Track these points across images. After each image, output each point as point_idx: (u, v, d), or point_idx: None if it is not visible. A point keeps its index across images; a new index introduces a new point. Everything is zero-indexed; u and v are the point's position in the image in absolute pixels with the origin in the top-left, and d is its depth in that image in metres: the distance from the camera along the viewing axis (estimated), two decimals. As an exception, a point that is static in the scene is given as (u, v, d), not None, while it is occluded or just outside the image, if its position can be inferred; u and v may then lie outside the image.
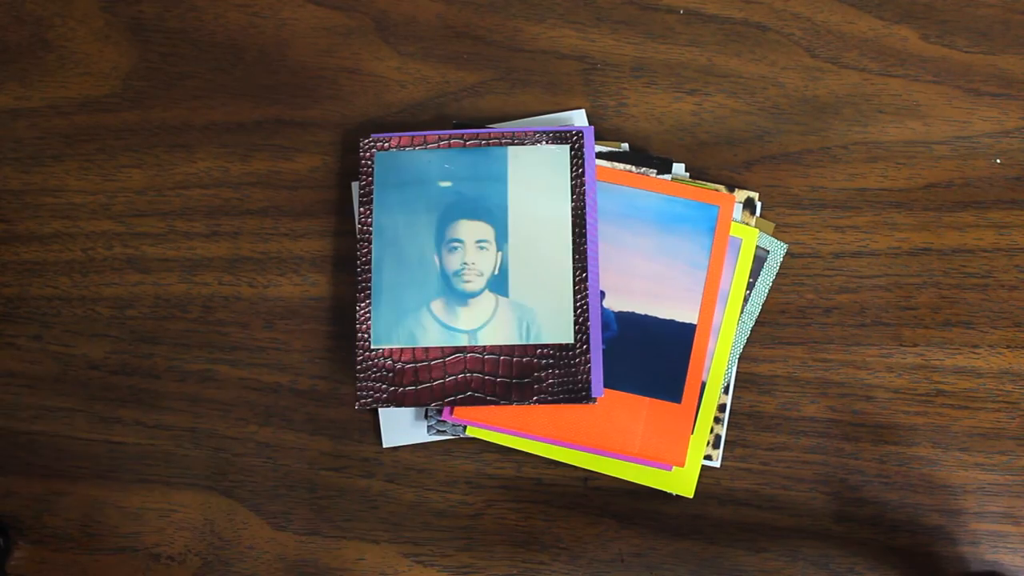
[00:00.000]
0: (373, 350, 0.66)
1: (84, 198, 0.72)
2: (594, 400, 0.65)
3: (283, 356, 0.69)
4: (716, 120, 0.71)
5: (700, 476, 0.67)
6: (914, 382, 0.68)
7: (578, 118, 0.71)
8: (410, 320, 0.66)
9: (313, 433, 0.68)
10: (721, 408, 0.67)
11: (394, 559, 0.67)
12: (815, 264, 0.69)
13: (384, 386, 0.65)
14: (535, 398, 0.65)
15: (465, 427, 0.66)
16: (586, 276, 0.66)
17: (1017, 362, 0.68)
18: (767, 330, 0.68)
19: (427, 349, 0.66)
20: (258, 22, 0.73)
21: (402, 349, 0.66)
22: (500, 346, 0.66)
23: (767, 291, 0.68)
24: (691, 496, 0.66)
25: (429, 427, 0.67)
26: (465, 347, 0.66)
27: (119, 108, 0.73)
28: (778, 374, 0.68)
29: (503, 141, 0.68)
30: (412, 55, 0.73)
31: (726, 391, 0.67)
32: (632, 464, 0.66)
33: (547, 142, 0.68)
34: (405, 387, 0.65)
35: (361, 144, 0.69)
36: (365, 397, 0.65)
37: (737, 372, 0.68)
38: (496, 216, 0.67)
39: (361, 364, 0.66)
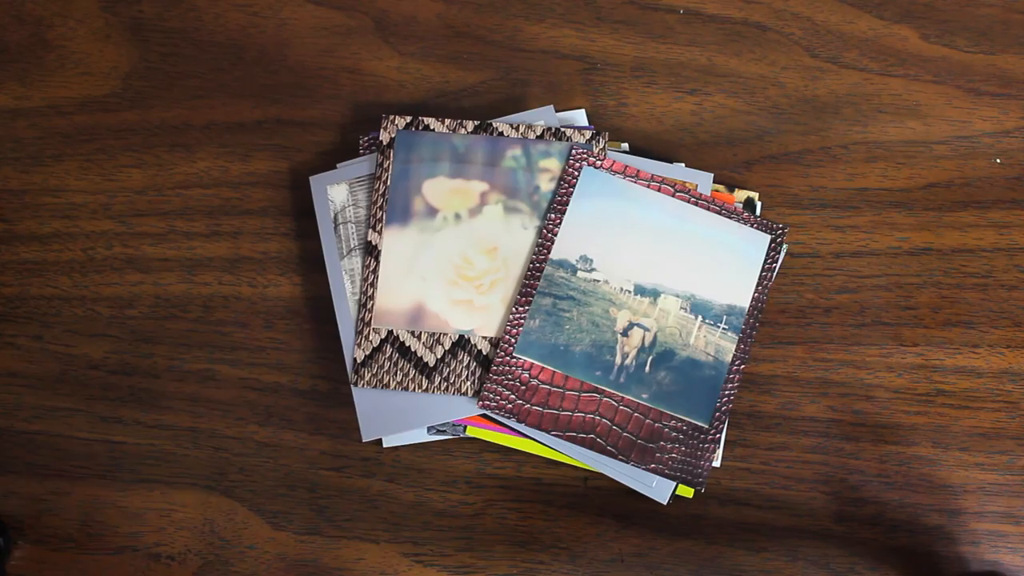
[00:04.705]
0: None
1: (84, 198, 0.72)
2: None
3: (283, 356, 0.69)
4: (716, 120, 0.71)
5: (700, 476, 0.67)
6: (914, 382, 0.68)
7: (578, 118, 0.71)
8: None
9: (313, 433, 0.68)
10: (721, 408, 0.67)
11: (394, 559, 0.67)
12: (815, 264, 0.69)
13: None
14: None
15: (465, 427, 0.66)
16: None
17: (1017, 362, 0.68)
18: (767, 330, 0.68)
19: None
20: (258, 22, 0.73)
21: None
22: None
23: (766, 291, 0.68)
24: (691, 496, 0.66)
25: (429, 427, 0.67)
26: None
27: (119, 108, 0.73)
28: (778, 374, 0.68)
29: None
30: (412, 55, 0.73)
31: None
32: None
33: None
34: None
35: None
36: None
37: (737, 372, 0.68)
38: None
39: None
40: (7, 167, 0.72)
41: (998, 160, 0.70)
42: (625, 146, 0.70)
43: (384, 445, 0.67)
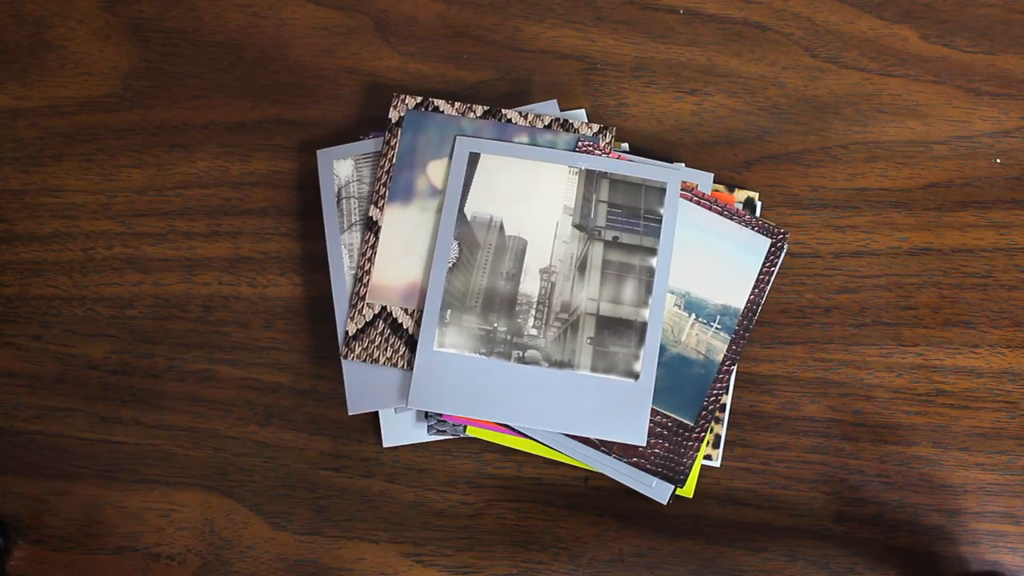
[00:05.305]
0: None
1: (84, 198, 0.72)
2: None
3: (283, 356, 0.69)
4: (716, 120, 0.71)
5: (700, 476, 0.67)
6: (914, 382, 0.68)
7: (578, 118, 0.70)
8: None
9: (313, 433, 0.68)
10: (721, 408, 0.67)
11: (394, 559, 0.67)
12: (815, 264, 0.69)
13: None
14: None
15: (465, 427, 0.66)
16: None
17: (1017, 362, 0.68)
18: (767, 330, 0.68)
19: None
20: (258, 22, 0.73)
21: None
22: None
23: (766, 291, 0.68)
24: (691, 496, 0.66)
25: (429, 427, 0.67)
26: None
27: (119, 108, 0.73)
28: (778, 374, 0.68)
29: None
30: (412, 55, 0.73)
31: (726, 391, 0.67)
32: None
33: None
34: None
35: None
36: None
37: (737, 372, 0.68)
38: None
39: None
40: (7, 167, 0.72)
41: (998, 160, 0.70)
42: (625, 146, 0.70)
43: (384, 445, 0.67)
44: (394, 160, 0.68)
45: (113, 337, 0.70)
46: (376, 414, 0.68)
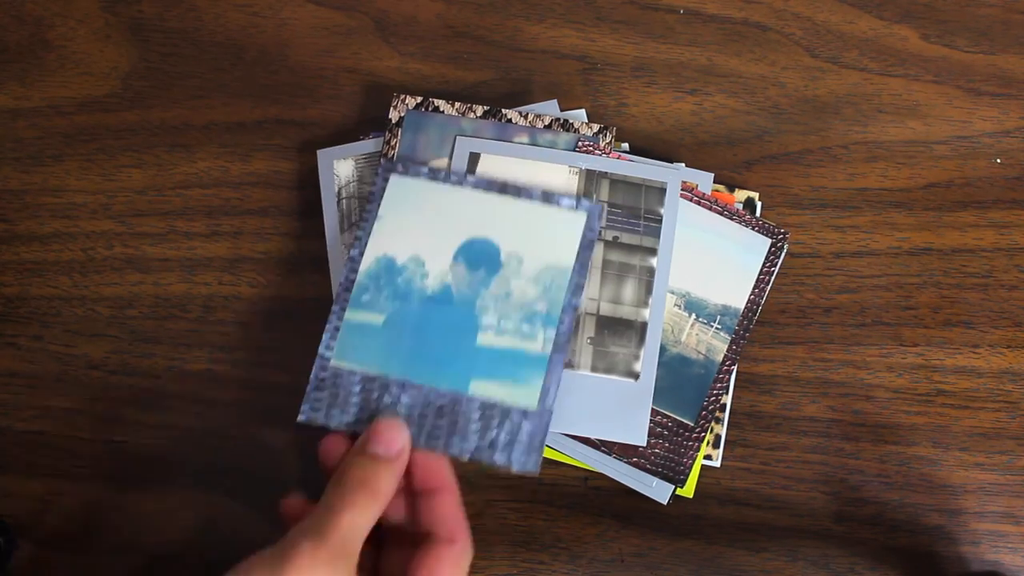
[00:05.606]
0: None
1: (84, 198, 0.72)
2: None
3: (283, 356, 0.69)
4: (716, 120, 0.71)
5: (700, 476, 0.67)
6: (914, 382, 0.68)
7: (578, 118, 0.71)
8: None
9: (313, 433, 0.68)
10: (721, 408, 0.67)
11: (394, 559, 0.67)
12: (815, 264, 0.69)
13: None
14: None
15: (465, 427, 0.66)
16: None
17: (1017, 362, 0.68)
18: (767, 330, 0.68)
19: None
20: (258, 22, 0.73)
21: None
22: None
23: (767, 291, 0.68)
24: (691, 496, 0.66)
25: (429, 427, 0.67)
26: None
27: (119, 108, 0.73)
28: (778, 374, 0.68)
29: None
30: (412, 55, 0.73)
31: (726, 391, 0.67)
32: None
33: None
34: None
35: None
36: None
37: (737, 372, 0.68)
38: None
39: None
40: (7, 167, 0.72)
41: (998, 160, 0.70)
42: (625, 146, 0.70)
43: (384, 445, 0.67)
44: (394, 160, 0.68)
45: (113, 337, 0.70)
46: (376, 414, 0.68)
